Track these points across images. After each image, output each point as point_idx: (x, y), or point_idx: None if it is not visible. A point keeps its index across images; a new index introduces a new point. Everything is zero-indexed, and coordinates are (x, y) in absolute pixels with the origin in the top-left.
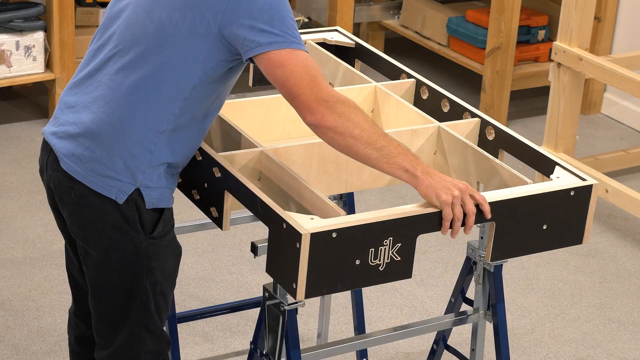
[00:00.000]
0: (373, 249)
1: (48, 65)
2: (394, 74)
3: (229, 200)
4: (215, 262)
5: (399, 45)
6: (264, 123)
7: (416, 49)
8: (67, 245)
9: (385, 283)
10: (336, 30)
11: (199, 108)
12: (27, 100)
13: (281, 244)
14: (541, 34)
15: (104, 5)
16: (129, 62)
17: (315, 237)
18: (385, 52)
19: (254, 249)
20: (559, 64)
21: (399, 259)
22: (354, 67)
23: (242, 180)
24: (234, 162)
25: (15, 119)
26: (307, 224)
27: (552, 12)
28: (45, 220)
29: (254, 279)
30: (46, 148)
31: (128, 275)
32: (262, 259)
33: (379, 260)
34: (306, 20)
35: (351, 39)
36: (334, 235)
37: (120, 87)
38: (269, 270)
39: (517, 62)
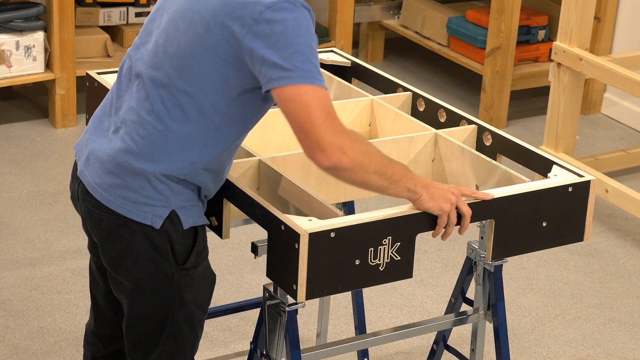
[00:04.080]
0: (372, 249)
1: (48, 65)
2: (390, 89)
3: (228, 208)
4: (215, 262)
5: (399, 45)
6: (261, 136)
7: (416, 49)
8: (93, 267)
9: (387, 283)
10: (332, 51)
11: (233, 134)
12: (27, 100)
13: (280, 246)
14: (541, 34)
15: (104, 5)
16: (155, 94)
17: (314, 237)
18: (385, 52)
19: (254, 249)
20: (559, 64)
21: (399, 258)
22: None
23: (240, 187)
24: (232, 172)
25: (15, 119)
26: (305, 225)
27: (552, 12)
28: (45, 220)
29: (254, 279)
30: (76, 176)
31: (160, 306)
32: (262, 259)
33: (379, 260)
34: None
35: (347, 58)
36: (333, 235)
37: (148, 115)
38: (270, 274)
39: (517, 62)
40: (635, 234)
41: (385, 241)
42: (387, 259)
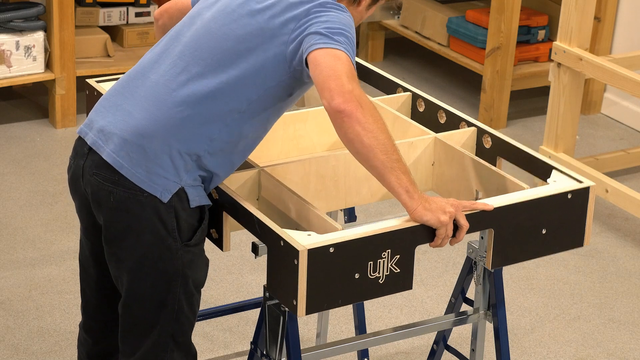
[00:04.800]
0: (372, 262)
1: (48, 65)
2: (390, 89)
3: (228, 221)
4: (215, 262)
5: (399, 45)
6: (261, 146)
7: (416, 49)
8: (86, 256)
9: (387, 295)
10: None
11: (251, 125)
12: (27, 100)
13: (280, 262)
14: (541, 34)
15: (104, 5)
16: (193, 70)
17: (313, 253)
18: (385, 52)
19: (255, 249)
20: (559, 64)
21: (399, 270)
22: None
23: (239, 201)
24: (232, 182)
25: (15, 119)
26: (304, 241)
27: (552, 12)
28: (45, 220)
29: (254, 279)
30: (82, 152)
31: (162, 283)
32: (262, 259)
33: (379, 273)
34: None
35: None
36: (332, 250)
37: (179, 90)
38: (270, 289)
39: (517, 62)
40: (635, 234)
41: (384, 254)
42: (387, 272)
